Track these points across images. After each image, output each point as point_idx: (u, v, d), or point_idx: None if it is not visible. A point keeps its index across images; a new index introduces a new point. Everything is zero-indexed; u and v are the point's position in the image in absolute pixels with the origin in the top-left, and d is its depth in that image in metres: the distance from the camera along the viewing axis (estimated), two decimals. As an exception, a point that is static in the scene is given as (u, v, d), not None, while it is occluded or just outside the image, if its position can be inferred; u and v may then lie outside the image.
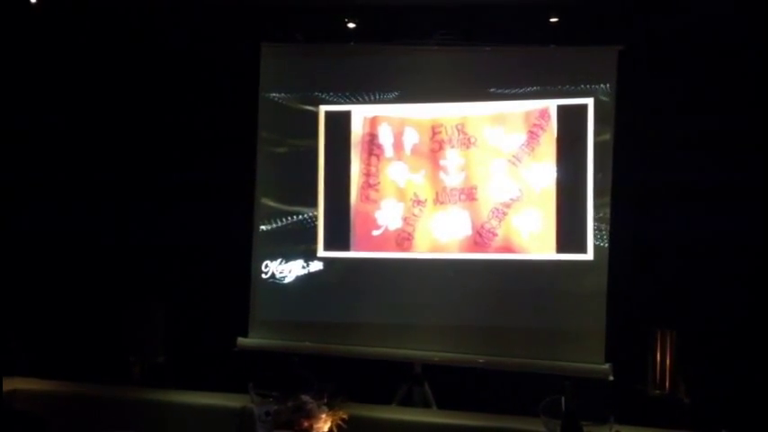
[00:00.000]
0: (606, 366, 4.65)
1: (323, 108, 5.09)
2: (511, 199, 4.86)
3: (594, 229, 4.75)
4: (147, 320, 5.07)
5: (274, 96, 5.15)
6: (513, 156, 4.87)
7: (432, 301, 4.92)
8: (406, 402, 4.87)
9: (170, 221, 5.54)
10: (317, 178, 5.08)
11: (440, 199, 4.95)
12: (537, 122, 4.86)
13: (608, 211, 4.74)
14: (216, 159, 5.49)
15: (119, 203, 5.64)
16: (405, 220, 4.99)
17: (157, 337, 5.05)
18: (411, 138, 5.00)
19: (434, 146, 4.96)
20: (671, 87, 4.95)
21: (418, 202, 4.97)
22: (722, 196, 4.93)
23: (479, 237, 4.90)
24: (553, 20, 4.86)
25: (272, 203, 5.14)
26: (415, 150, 4.99)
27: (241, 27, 5.16)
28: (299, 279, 5.07)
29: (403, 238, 4.98)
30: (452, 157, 4.94)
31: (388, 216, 5.01)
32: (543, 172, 4.83)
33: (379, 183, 5.02)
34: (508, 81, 4.90)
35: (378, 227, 5.01)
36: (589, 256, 4.76)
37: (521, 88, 4.88)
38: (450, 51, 4.98)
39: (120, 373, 5.01)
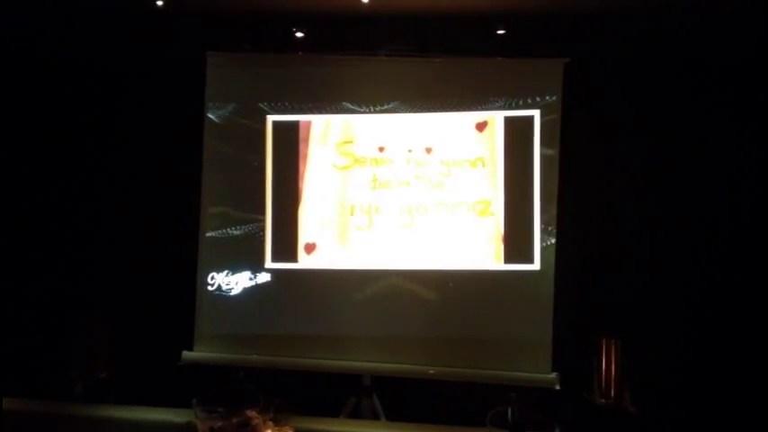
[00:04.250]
0: (553, 375, 4.69)
1: (270, 118, 5.05)
2: (458, 210, 4.87)
3: (541, 240, 4.79)
4: (89, 334, 4.95)
5: (220, 105, 5.09)
6: (461, 166, 4.89)
7: (380, 313, 4.91)
8: (355, 414, 4.84)
9: (113, 233, 5.43)
10: (264, 189, 5.02)
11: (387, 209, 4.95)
12: (484, 133, 4.89)
13: (554, 221, 4.78)
14: (161, 169, 5.41)
15: (59, 213, 5.51)
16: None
17: (100, 352, 4.93)
18: (357, 148, 4.99)
19: (381, 156, 4.96)
20: (617, 99, 5.04)
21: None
22: (667, 206, 5.03)
23: (428, 248, 4.90)
24: (500, 32, 4.89)
25: (218, 214, 5.06)
26: (360, 160, 4.98)
27: (187, 36, 5.10)
28: (246, 291, 5.00)
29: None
30: (400, 168, 4.94)
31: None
32: (490, 183, 4.85)
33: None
34: (456, 92, 4.91)
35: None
36: (536, 266, 4.80)
37: (468, 99, 4.90)
38: (399, 62, 4.97)
39: (61, 389, 4.89)
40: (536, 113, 4.83)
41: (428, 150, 4.93)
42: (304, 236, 5.00)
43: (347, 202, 4.98)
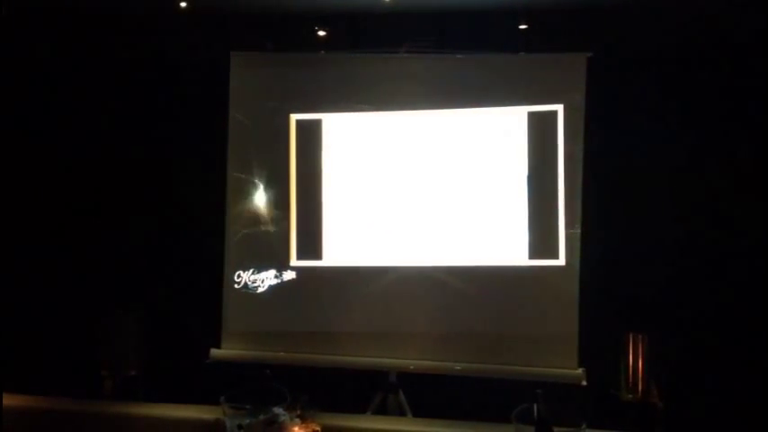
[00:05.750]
0: (579, 371, 4.66)
1: (293, 116, 5.07)
2: (482, 206, 4.87)
3: (566, 235, 4.77)
4: (118, 333, 5.02)
5: (244, 104, 5.12)
6: (485, 162, 4.87)
7: (406, 310, 4.91)
8: (381, 411, 4.85)
9: (141, 232, 5.49)
10: (288, 187, 5.06)
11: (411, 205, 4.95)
12: (508, 129, 4.87)
13: (579, 215, 4.75)
14: (187, 169, 5.45)
15: (88, 214, 5.57)
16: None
17: (129, 350, 5.00)
18: (381, 145, 4.99)
19: (403, 152, 4.97)
20: (641, 93, 5.00)
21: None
22: (693, 200, 4.98)
23: (452, 244, 4.90)
24: (523, 27, 4.88)
25: (244, 213, 5.10)
26: (383, 157, 4.98)
27: (210, 35, 5.13)
28: (272, 289, 5.04)
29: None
30: (422, 164, 4.94)
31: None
32: (514, 178, 4.84)
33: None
34: (479, 88, 4.90)
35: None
36: (561, 261, 4.77)
37: (491, 95, 4.89)
38: (421, 59, 4.96)
39: (91, 387, 4.95)
40: (559, 108, 4.80)
41: (451, 146, 4.92)
42: (329, 233, 5.02)
43: (371, 198, 4.99)
